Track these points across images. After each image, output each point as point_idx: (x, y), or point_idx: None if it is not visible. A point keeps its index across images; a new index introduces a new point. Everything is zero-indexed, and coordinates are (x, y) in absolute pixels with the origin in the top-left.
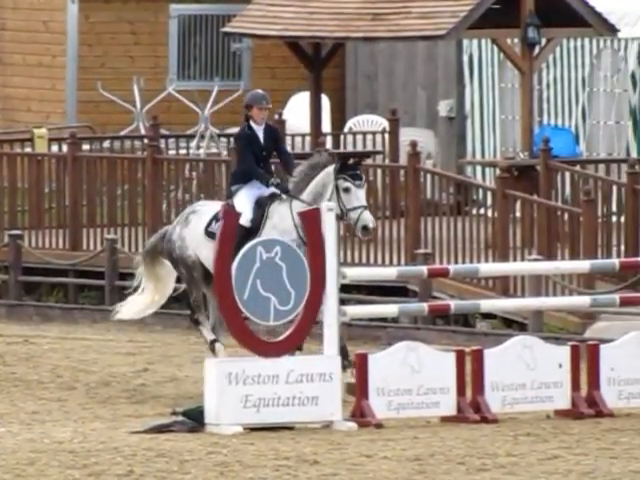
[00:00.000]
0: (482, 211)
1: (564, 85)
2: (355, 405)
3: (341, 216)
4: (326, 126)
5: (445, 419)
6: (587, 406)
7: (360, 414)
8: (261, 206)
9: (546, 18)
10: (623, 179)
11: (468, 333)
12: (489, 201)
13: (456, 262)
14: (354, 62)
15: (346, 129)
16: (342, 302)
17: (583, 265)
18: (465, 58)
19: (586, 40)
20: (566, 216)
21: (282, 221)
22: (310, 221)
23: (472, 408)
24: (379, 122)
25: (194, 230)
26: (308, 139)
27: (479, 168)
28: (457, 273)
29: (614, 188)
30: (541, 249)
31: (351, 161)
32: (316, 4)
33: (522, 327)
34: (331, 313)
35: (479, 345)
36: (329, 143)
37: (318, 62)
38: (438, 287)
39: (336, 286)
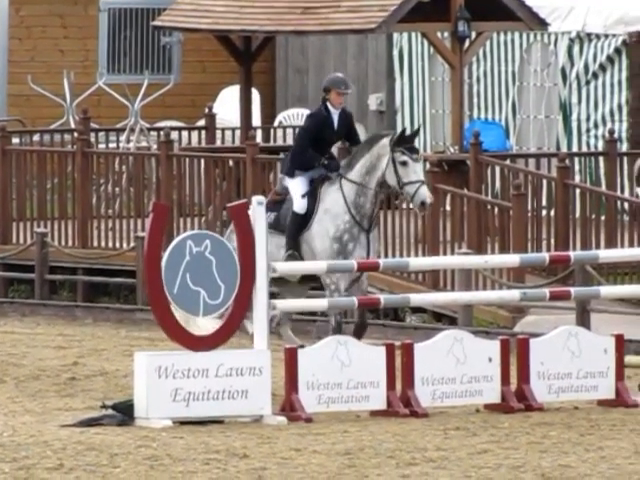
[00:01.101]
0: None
1: (494, 79)
2: (285, 399)
3: (397, 189)
4: (256, 120)
5: (375, 413)
6: (517, 400)
7: (290, 408)
8: (313, 191)
9: (476, 12)
10: (553, 173)
11: (398, 327)
12: None
13: (386, 256)
14: (284, 56)
15: (276, 123)
16: (272, 296)
17: (513, 259)
18: (395, 52)
19: (516, 34)
20: (496, 210)
21: (334, 204)
22: (239, 215)
23: (402, 402)
24: None
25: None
26: (238, 133)
27: None
28: (387, 267)
29: (544, 182)
30: (471, 243)
31: (408, 133)
32: None
33: (452, 321)
34: (261, 307)
35: (409, 339)
36: (259, 137)
37: (248, 56)
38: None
39: (266, 280)
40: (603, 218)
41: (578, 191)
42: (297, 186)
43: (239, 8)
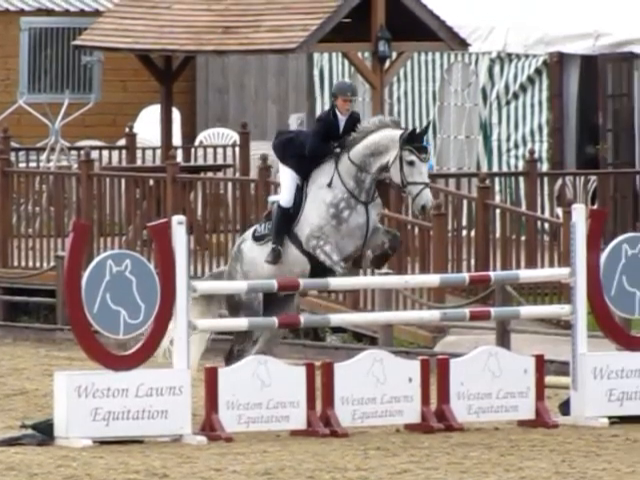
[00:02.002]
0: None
1: (415, 99)
2: (205, 419)
3: (399, 187)
4: (177, 139)
5: (295, 433)
6: (437, 420)
7: (210, 428)
8: (299, 185)
9: (397, 32)
10: (473, 193)
11: (318, 347)
12: None
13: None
14: (205, 75)
15: (197, 142)
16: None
17: (433, 279)
18: (316, 72)
19: (437, 54)
20: (416, 230)
21: (329, 179)
22: (160, 234)
23: (322, 422)
24: (230, 135)
25: (248, 252)
26: (159, 152)
27: None
28: (307, 287)
29: (464, 202)
30: (391, 263)
31: (418, 130)
32: (167, 17)
33: (372, 341)
34: (181, 327)
35: (329, 359)
36: (179, 156)
37: (169, 75)
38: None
39: (186, 300)
40: (523, 238)
41: (498, 211)
42: (287, 179)
43: (159, 28)
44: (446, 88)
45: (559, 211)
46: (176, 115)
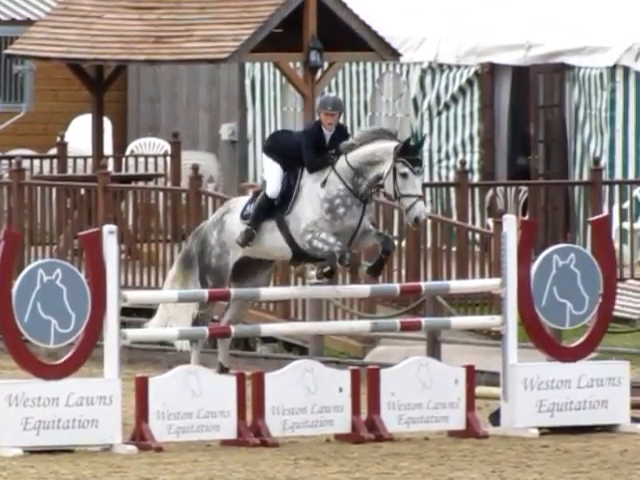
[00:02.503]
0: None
1: (346, 109)
2: (135, 428)
3: (392, 199)
4: (108, 148)
5: (225, 442)
6: (367, 430)
7: (140, 437)
8: (292, 176)
9: (329, 42)
10: None
11: (249, 357)
12: None
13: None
14: (136, 85)
15: (128, 152)
16: (123, 325)
17: (364, 289)
18: (247, 81)
19: (368, 64)
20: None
21: (326, 175)
22: (91, 244)
23: (252, 432)
24: (161, 145)
25: (231, 226)
26: (90, 161)
27: None
28: (238, 296)
29: (395, 212)
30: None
31: (413, 143)
32: (99, 27)
33: (303, 351)
34: (112, 336)
35: (260, 369)
36: (111, 165)
37: (100, 84)
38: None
39: (117, 309)
40: (454, 249)
41: (429, 222)
42: (274, 170)
43: (91, 37)
44: (377, 98)
45: (490, 222)
46: (107, 124)
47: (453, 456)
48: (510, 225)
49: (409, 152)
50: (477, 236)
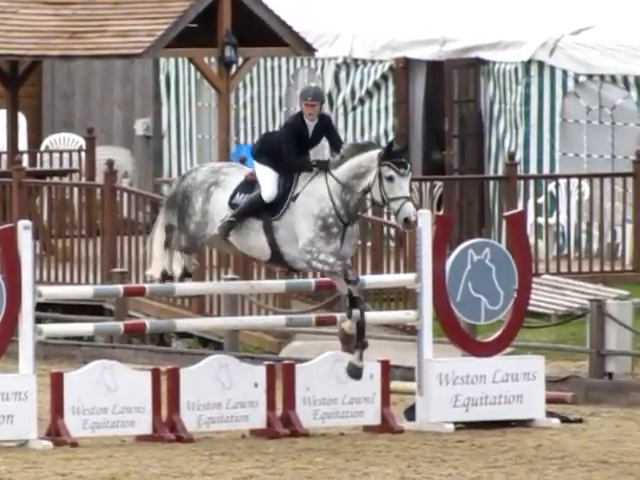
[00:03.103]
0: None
1: (261, 104)
2: (50, 424)
3: (382, 204)
4: (23, 144)
5: (141, 438)
6: (282, 425)
7: (55, 433)
8: (288, 179)
9: (243, 37)
10: None
11: (164, 352)
12: None
13: (152, 281)
14: (51, 80)
15: (43, 147)
16: (38, 320)
17: (279, 285)
18: (162, 77)
19: (283, 60)
20: None
21: (318, 191)
22: (5, 240)
23: (168, 427)
24: (75, 140)
25: (218, 203)
26: (4, 157)
27: None
28: (153, 292)
29: None
30: (237, 268)
31: (396, 147)
32: (14, 22)
33: (218, 346)
34: (27, 332)
35: (175, 364)
36: (25, 161)
37: (15, 80)
38: (134, 306)
39: (32, 304)
40: (369, 244)
41: None
42: (267, 174)
43: (6, 32)
44: (292, 94)
45: None
46: (22, 120)
47: (368, 451)
48: (425, 220)
49: (393, 155)
50: (392, 231)
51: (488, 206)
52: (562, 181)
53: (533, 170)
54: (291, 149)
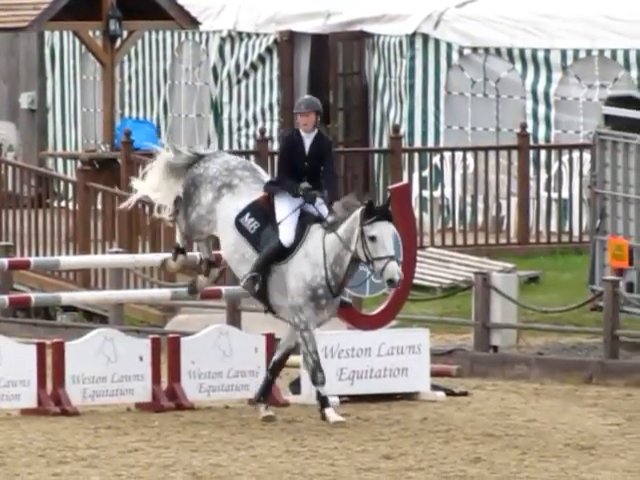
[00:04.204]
0: (63, 204)
1: (146, 78)
2: None
3: (365, 263)
4: None
5: (26, 411)
6: (168, 399)
7: None
8: (302, 226)
9: (128, 11)
10: None
11: (49, 326)
12: (70, 194)
13: (37, 254)
14: None
15: None
16: None
17: (163, 258)
18: (47, 50)
19: (167, 33)
20: (147, 209)
21: (315, 253)
22: None
23: (53, 400)
24: None
25: (225, 209)
26: None
27: (60, 161)
28: (38, 265)
29: None
30: (122, 242)
31: (377, 206)
32: None
33: (103, 320)
34: None
35: (60, 338)
36: None
37: None
38: (19, 280)
39: None
40: None
41: None
42: (284, 208)
43: None
44: (177, 67)
45: None
46: None
47: (253, 424)
48: None
49: (374, 213)
50: None
51: (373, 179)
52: (447, 154)
53: (418, 143)
54: (280, 169)
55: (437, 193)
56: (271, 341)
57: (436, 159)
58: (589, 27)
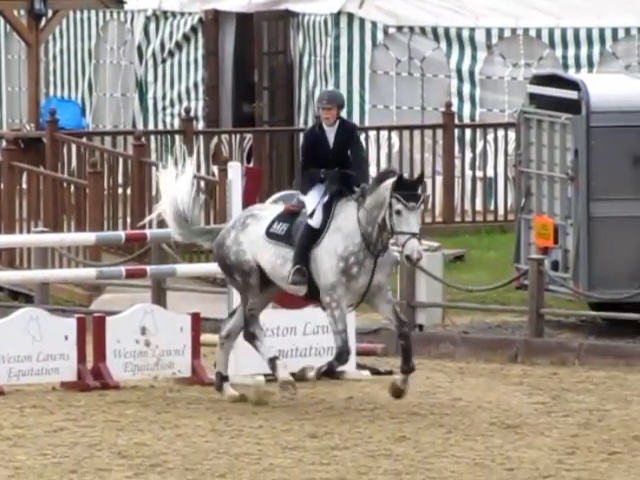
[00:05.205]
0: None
1: (70, 57)
2: None
3: (391, 233)
4: None
5: None
6: (93, 378)
7: None
8: (329, 205)
9: None
10: (129, 151)
11: None
12: None
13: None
14: None
15: None
16: None
17: (89, 237)
18: None
19: (92, 12)
20: (72, 188)
21: (347, 224)
22: None
23: None
24: None
25: (253, 233)
26: None
27: None
28: None
29: (120, 160)
30: (47, 221)
31: (407, 179)
32: None
33: (28, 299)
34: None
35: None
36: None
37: None
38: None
39: None
40: None
41: (154, 169)
42: (312, 200)
43: None
44: (102, 46)
45: (215, 169)
46: None
47: (179, 403)
48: (235, 172)
49: (403, 187)
50: (202, 183)
51: (298, 158)
52: (372, 133)
53: None
54: (303, 164)
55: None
56: (197, 320)
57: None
58: (514, 6)
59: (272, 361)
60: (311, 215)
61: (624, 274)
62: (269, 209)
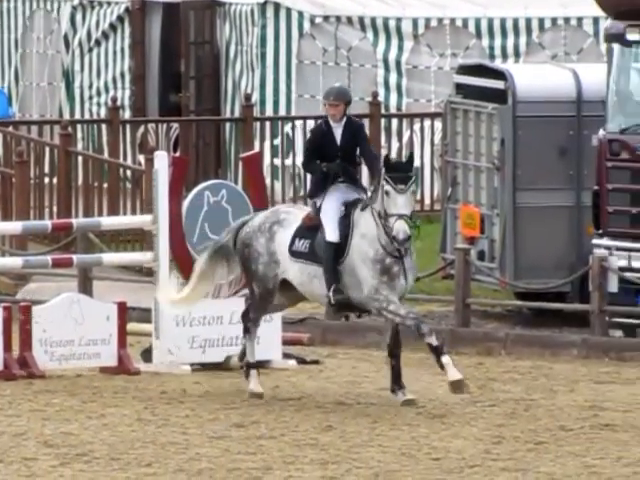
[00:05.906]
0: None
1: None
2: None
3: (384, 217)
4: None
5: None
6: (19, 367)
7: None
8: (347, 215)
9: None
10: (56, 140)
11: None
12: None
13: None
14: None
15: None
16: None
17: (15, 227)
18: None
19: (19, 2)
20: None
21: (369, 229)
22: None
23: None
24: None
25: (282, 245)
26: None
27: None
28: None
29: (47, 149)
30: None
31: (394, 160)
32: None
33: None
34: None
35: None
36: None
37: None
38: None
39: None
40: (106, 185)
41: (81, 158)
42: (328, 213)
43: None
44: (28, 35)
45: (141, 158)
46: None
47: (105, 393)
48: (161, 162)
49: (390, 169)
50: (128, 173)
51: (224, 147)
52: (298, 122)
53: (269, 112)
54: (305, 160)
55: (289, 162)
56: (123, 309)
57: (288, 128)
58: None
59: (248, 367)
60: (326, 231)
61: (550, 264)
62: (292, 213)
